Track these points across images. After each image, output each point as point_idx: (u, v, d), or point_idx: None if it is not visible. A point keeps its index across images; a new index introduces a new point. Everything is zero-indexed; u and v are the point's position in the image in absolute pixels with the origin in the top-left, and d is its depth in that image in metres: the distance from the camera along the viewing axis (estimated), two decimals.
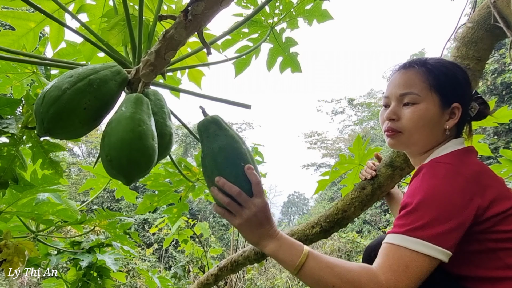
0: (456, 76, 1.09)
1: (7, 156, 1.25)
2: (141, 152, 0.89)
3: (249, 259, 2.07)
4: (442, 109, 1.07)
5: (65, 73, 0.94)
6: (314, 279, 0.91)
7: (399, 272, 0.88)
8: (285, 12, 1.60)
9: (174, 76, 1.62)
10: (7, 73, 1.48)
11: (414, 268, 0.88)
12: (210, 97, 1.23)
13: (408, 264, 0.89)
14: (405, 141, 1.11)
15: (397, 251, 0.91)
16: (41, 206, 1.63)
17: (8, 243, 1.52)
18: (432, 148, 1.11)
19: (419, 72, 1.09)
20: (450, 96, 1.07)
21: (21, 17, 1.34)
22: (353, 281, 0.88)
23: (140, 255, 10.00)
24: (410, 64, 1.13)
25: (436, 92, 1.07)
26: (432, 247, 0.88)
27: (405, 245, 0.90)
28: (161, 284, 2.73)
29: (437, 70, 1.09)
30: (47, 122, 0.89)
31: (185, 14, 0.92)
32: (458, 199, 0.91)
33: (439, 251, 0.89)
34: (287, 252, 0.92)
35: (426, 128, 1.07)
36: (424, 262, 0.89)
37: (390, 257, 0.91)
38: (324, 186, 2.06)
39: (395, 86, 1.12)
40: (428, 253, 0.88)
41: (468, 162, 1.00)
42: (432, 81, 1.07)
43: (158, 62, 0.98)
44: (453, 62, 1.17)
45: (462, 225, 0.91)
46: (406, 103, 1.09)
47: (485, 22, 1.56)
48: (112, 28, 1.20)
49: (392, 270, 0.89)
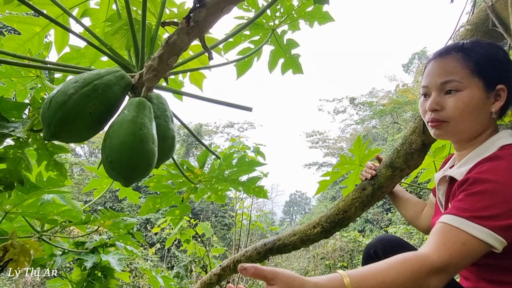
0: (497, 56, 1.06)
1: (13, 158, 1.27)
2: (141, 155, 0.91)
3: (251, 259, 2.09)
4: (486, 93, 1.03)
5: (71, 78, 0.96)
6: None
7: (455, 249, 0.87)
8: (286, 14, 1.61)
9: (176, 79, 1.64)
10: (11, 77, 1.51)
11: (470, 248, 0.87)
12: (211, 100, 1.25)
13: (465, 242, 0.87)
14: (452, 130, 1.08)
15: (456, 231, 0.88)
16: (46, 207, 1.66)
17: (14, 243, 1.54)
18: (479, 134, 1.08)
19: (457, 57, 1.06)
20: (493, 78, 1.04)
21: (27, 22, 1.37)
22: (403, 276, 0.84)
23: (143, 255, 10.04)
24: (446, 51, 1.10)
25: (478, 77, 1.03)
26: (494, 236, 0.87)
27: (466, 229, 0.88)
28: (165, 283, 2.75)
29: (476, 53, 1.05)
30: (54, 126, 0.92)
31: (187, 21, 0.94)
32: None
33: (499, 241, 0.87)
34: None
35: (472, 114, 1.04)
36: (480, 247, 0.87)
37: (447, 236, 0.89)
38: (325, 186, 2.08)
39: (435, 75, 1.09)
40: (488, 241, 0.87)
41: None
42: (473, 66, 1.04)
43: (161, 67, 1.00)
44: (491, 42, 1.12)
45: None
46: (448, 91, 1.06)
47: (483, 24, 1.58)
48: (116, 33, 1.22)
49: (447, 247, 0.87)
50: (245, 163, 1.67)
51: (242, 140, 4.89)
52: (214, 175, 1.74)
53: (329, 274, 0.86)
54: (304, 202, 42.25)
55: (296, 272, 4.20)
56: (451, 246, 0.87)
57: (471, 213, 0.89)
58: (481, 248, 0.87)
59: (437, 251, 0.87)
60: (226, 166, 1.69)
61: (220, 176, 1.73)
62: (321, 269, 9.34)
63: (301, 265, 9.75)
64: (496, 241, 0.87)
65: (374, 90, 22.96)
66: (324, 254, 9.53)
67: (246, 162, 1.67)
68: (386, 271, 0.85)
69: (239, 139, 5.29)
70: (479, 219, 0.87)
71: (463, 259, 0.87)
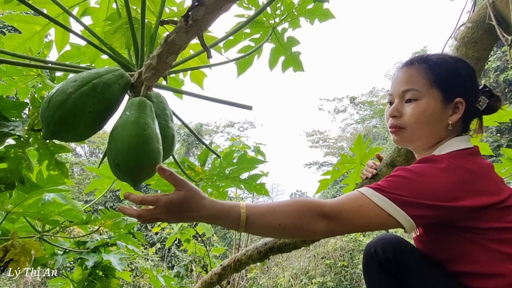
0: (458, 70, 1.10)
1: (13, 157, 1.27)
2: (148, 156, 0.92)
3: (252, 258, 2.09)
4: (444, 104, 1.07)
5: (70, 77, 0.96)
6: (260, 230, 0.95)
7: (350, 207, 0.94)
8: (287, 12, 1.61)
9: (176, 77, 1.63)
10: (13, 75, 1.51)
11: (366, 211, 0.93)
12: (211, 98, 1.25)
13: (363, 205, 0.94)
14: (408, 137, 1.12)
15: (359, 195, 0.96)
16: (47, 207, 1.66)
17: (15, 243, 1.54)
18: (436, 144, 1.11)
19: (420, 68, 1.11)
20: (452, 91, 1.07)
21: (27, 21, 1.37)
22: (296, 213, 0.93)
23: (143, 255, 10.04)
24: (411, 61, 1.15)
25: (437, 88, 1.08)
26: (392, 206, 0.92)
27: (369, 196, 0.94)
28: (166, 283, 2.75)
29: (437, 66, 1.10)
30: (53, 126, 0.92)
31: (186, 19, 0.94)
32: (442, 193, 0.94)
33: (399, 212, 0.92)
34: (225, 222, 0.93)
35: (428, 123, 1.08)
36: (378, 213, 0.93)
37: (349, 196, 0.97)
38: (326, 185, 2.08)
39: (398, 84, 1.14)
40: (386, 208, 0.92)
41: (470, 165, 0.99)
42: (433, 77, 1.08)
43: (160, 66, 1.00)
44: (456, 57, 1.17)
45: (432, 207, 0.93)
46: (408, 100, 1.10)
47: (484, 22, 1.57)
48: (115, 31, 1.22)
49: (343, 202, 0.95)
50: (246, 161, 1.67)
51: (243, 140, 4.88)
52: (215, 172, 1.74)
53: None
54: None
55: (297, 272, 4.24)
56: (348, 203, 0.95)
57: (379, 187, 0.95)
58: (379, 214, 0.93)
59: (333, 203, 0.95)
60: (227, 164, 1.69)
61: (221, 174, 1.73)
62: (322, 269, 9.34)
63: (302, 264, 9.75)
64: (396, 212, 0.92)
65: (375, 90, 22.93)
66: (324, 253, 9.52)
67: (246, 160, 1.67)
68: (280, 203, 0.96)
69: (239, 138, 5.29)
70: (384, 191, 0.94)
71: (356, 218, 0.93)
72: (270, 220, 0.93)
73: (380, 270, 1.10)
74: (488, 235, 0.96)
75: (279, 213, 0.93)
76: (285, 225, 0.93)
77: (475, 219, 0.96)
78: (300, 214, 0.93)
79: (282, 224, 0.92)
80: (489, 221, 0.96)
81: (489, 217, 0.96)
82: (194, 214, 0.92)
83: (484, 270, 0.96)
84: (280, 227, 0.92)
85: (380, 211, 0.93)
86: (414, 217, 0.92)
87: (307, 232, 0.94)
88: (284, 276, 9.12)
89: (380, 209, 0.93)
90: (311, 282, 8.98)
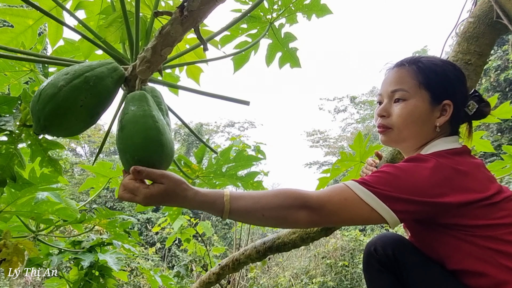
0: (446, 73, 1.11)
1: (5, 154, 1.24)
2: (165, 146, 0.92)
3: (250, 258, 2.07)
4: (432, 105, 1.09)
5: (61, 70, 0.94)
6: (243, 217, 0.96)
7: (334, 199, 0.94)
8: (284, 7, 1.59)
9: (172, 73, 1.61)
10: (5, 71, 1.48)
11: (350, 205, 0.93)
12: (208, 93, 1.22)
13: (347, 198, 0.94)
14: (395, 137, 1.13)
15: (344, 188, 0.96)
16: (41, 205, 1.63)
17: (7, 243, 1.52)
18: (423, 145, 1.12)
19: (409, 70, 1.12)
20: (440, 93, 1.09)
21: (20, 14, 1.34)
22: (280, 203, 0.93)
23: (143, 254, 10.02)
24: (402, 62, 1.16)
25: (425, 89, 1.09)
26: (376, 200, 0.92)
27: (353, 189, 0.94)
28: (163, 283, 2.73)
29: (427, 68, 1.11)
30: (43, 120, 0.89)
31: (180, 10, 0.91)
32: (426, 189, 0.94)
33: (382, 207, 0.92)
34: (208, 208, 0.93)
35: (415, 124, 1.09)
36: (362, 207, 0.93)
37: (335, 188, 0.97)
38: (325, 183, 2.05)
39: (387, 84, 1.15)
40: (370, 203, 0.92)
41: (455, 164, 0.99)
42: (421, 79, 1.10)
43: (155, 58, 0.97)
44: (446, 61, 1.19)
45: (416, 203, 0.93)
46: (396, 100, 1.12)
47: (486, 16, 1.55)
48: (110, 25, 1.19)
49: (328, 194, 0.95)
50: (243, 158, 1.64)
51: (243, 139, 4.85)
52: (212, 170, 1.71)
53: None
54: None
55: (298, 271, 4.24)
56: (333, 195, 0.95)
57: (365, 181, 0.96)
58: (363, 208, 0.93)
59: (318, 194, 0.95)
60: (224, 161, 1.66)
61: (218, 171, 1.70)
62: (322, 268, 9.32)
63: (302, 264, 9.73)
64: (379, 206, 0.92)
65: (375, 89, 22.88)
66: (325, 253, 9.50)
67: (244, 157, 1.64)
68: (265, 193, 0.96)
69: (239, 138, 5.26)
70: (368, 185, 0.94)
71: (340, 211, 0.94)
72: (254, 211, 0.93)
73: (380, 268, 1.09)
74: (475, 232, 0.95)
75: (263, 204, 0.93)
76: (268, 216, 0.93)
77: (460, 216, 0.95)
78: (284, 206, 0.93)
79: (265, 215, 0.93)
80: (476, 218, 0.95)
81: (475, 214, 0.95)
82: (175, 204, 0.92)
83: (474, 268, 0.95)
84: (264, 217, 0.93)
85: (363, 205, 0.93)
86: (396, 212, 0.93)
87: (290, 222, 0.96)
88: (284, 276, 9.10)
89: (364, 203, 0.93)
90: (311, 282, 8.96)
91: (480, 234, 0.95)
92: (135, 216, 12.73)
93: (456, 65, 1.17)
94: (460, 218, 0.95)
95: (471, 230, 0.95)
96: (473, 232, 0.95)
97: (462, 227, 0.96)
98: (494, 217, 0.95)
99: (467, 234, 0.96)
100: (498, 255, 0.93)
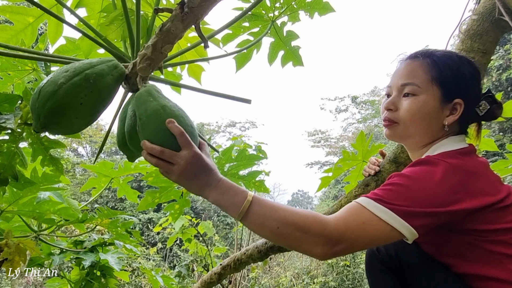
0: (462, 71, 1.04)
1: (7, 152, 1.24)
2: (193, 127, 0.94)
3: (252, 258, 2.06)
4: (442, 103, 1.03)
5: (61, 68, 0.93)
6: (258, 223, 0.89)
7: (353, 224, 0.88)
8: (286, 5, 1.57)
9: (174, 72, 1.60)
10: (8, 70, 1.47)
11: (369, 227, 0.87)
12: (210, 92, 1.21)
13: (365, 221, 0.87)
14: (400, 132, 1.09)
15: (360, 209, 0.90)
16: (42, 205, 1.62)
17: (9, 243, 1.51)
18: (429, 143, 1.07)
19: (423, 63, 1.06)
20: (452, 91, 1.03)
21: (19, 12, 1.33)
22: (298, 222, 0.87)
23: (145, 254, 10.02)
24: (416, 55, 1.10)
25: (437, 85, 1.03)
26: (396, 218, 0.87)
27: (370, 209, 0.88)
28: (164, 283, 2.72)
29: (442, 63, 1.05)
30: (43, 117, 0.88)
31: (181, 7, 0.90)
32: (442, 197, 0.89)
33: (402, 224, 0.87)
34: (229, 199, 0.89)
35: (423, 121, 1.04)
36: (382, 228, 0.87)
37: (351, 211, 0.90)
38: (327, 183, 2.04)
39: (398, 76, 1.10)
40: (390, 222, 0.87)
41: (466, 164, 0.96)
42: (434, 74, 1.04)
43: (155, 56, 0.96)
44: (463, 56, 1.11)
45: (434, 215, 0.89)
46: (406, 94, 1.07)
47: (490, 14, 1.53)
48: (111, 23, 1.19)
49: (347, 220, 0.88)
50: (245, 157, 1.63)
51: (244, 139, 4.84)
52: None
53: None
54: (307, 201, 42.18)
55: (299, 271, 4.20)
56: (351, 220, 0.88)
57: (379, 197, 0.90)
58: (382, 229, 0.87)
59: (337, 220, 0.88)
60: (226, 160, 1.65)
61: (219, 171, 1.68)
62: (324, 268, 9.30)
63: (304, 264, 9.71)
64: (399, 225, 0.87)
65: (376, 89, 22.84)
66: None
67: (246, 156, 1.63)
68: (286, 206, 0.91)
69: (241, 137, 5.26)
70: (385, 202, 0.89)
71: (360, 237, 0.87)
72: (270, 219, 0.87)
73: (382, 269, 1.08)
74: (487, 236, 0.92)
75: (281, 216, 0.88)
76: (283, 231, 0.87)
77: (472, 220, 0.92)
78: (302, 227, 0.87)
79: (280, 229, 0.87)
80: (487, 222, 0.92)
81: (487, 219, 0.92)
82: (206, 179, 0.89)
83: (484, 273, 0.92)
84: (278, 230, 0.87)
85: (383, 225, 0.87)
86: (416, 228, 0.88)
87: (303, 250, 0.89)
88: (286, 276, 9.08)
89: (383, 223, 0.87)
90: (313, 282, 8.94)
91: (491, 239, 0.92)
92: (136, 216, 12.74)
93: (473, 62, 1.10)
94: (471, 223, 0.92)
95: (482, 234, 0.92)
96: (483, 236, 0.92)
97: (472, 231, 0.93)
98: (505, 221, 0.92)
99: (477, 240, 0.93)
100: (507, 260, 0.91)
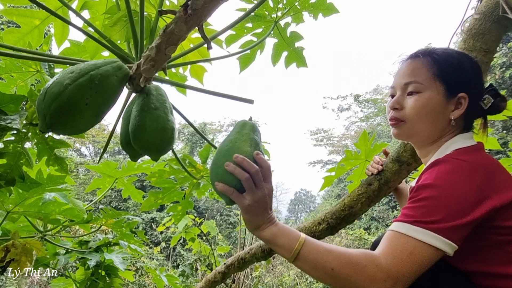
0: (462, 65, 1.07)
1: (13, 153, 1.25)
2: None
3: (255, 257, 2.06)
4: (446, 98, 1.05)
5: (67, 69, 0.94)
6: (312, 264, 0.90)
7: (402, 258, 0.87)
8: (289, 6, 1.58)
9: (177, 73, 1.61)
10: (11, 72, 1.49)
11: (418, 256, 0.86)
12: (213, 92, 1.22)
13: (412, 251, 0.87)
14: (408, 130, 1.10)
15: (402, 238, 0.89)
16: (48, 206, 1.64)
17: (15, 243, 1.53)
18: (437, 139, 1.09)
19: (424, 61, 1.09)
20: (455, 85, 1.05)
21: (26, 15, 1.35)
22: (352, 262, 0.87)
23: (148, 254, 10.05)
24: (416, 54, 1.12)
25: (440, 81, 1.05)
26: (439, 239, 0.87)
27: (411, 234, 0.88)
28: (169, 282, 2.73)
29: (442, 60, 1.08)
30: (49, 118, 0.89)
31: (185, 9, 0.91)
32: (472, 198, 0.89)
33: (446, 243, 0.87)
34: (285, 238, 0.92)
35: (429, 117, 1.05)
36: (429, 252, 0.87)
37: (394, 243, 0.89)
38: (330, 182, 2.04)
39: (401, 76, 1.12)
40: (434, 244, 0.86)
41: (483, 160, 0.96)
42: (436, 70, 1.06)
43: (159, 57, 0.97)
44: (462, 52, 1.14)
45: (472, 222, 0.89)
46: (410, 92, 1.08)
47: (492, 13, 1.53)
48: (115, 24, 1.20)
49: (395, 255, 0.87)
50: None
51: None
52: None
53: None
54: (309, 200, 42.16)
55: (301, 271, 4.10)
56: (399, 253, 0.87)
57: (415, 219, 0.89)
58: (429, 253, 0.87)
59: (385, 257, 0.87)
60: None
61: None
62: None
63: None
64: (443, 244, 0.87)
65: (379, 87, 22.80)
66: None
67: None
68: (339, 247, 0.91)
69: None
70: (423, 223, 0.88)
71: (413, 268, 0.86)
72: (324, 261, 0.88)
73: None
74: (503, 234, 0.92)
75: (335, 256, 0.88)
76: (338, 272, 0.87)
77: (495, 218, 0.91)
78: (358, 267, 0.86)
79: (335, 270, 0.87)
80: (505, 219, 0.91)
81: (505, 215, 0.91)
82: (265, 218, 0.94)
83: (497, 271, 0.92)
84: (333, 272, 0.87)
85: (429, 250, 0.87)
86: (455, 241, 0.88)
87: None
88: (289, 275, 9.08)
89: (428, 246, 0.87)
90: (316, 281, 8.94)
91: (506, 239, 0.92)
92: (140, 215, 12.78)
93: (472, 58, 1.12)
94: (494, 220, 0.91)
95: (499, 231, 0.92)
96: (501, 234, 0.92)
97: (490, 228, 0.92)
98: None
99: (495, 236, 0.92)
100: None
